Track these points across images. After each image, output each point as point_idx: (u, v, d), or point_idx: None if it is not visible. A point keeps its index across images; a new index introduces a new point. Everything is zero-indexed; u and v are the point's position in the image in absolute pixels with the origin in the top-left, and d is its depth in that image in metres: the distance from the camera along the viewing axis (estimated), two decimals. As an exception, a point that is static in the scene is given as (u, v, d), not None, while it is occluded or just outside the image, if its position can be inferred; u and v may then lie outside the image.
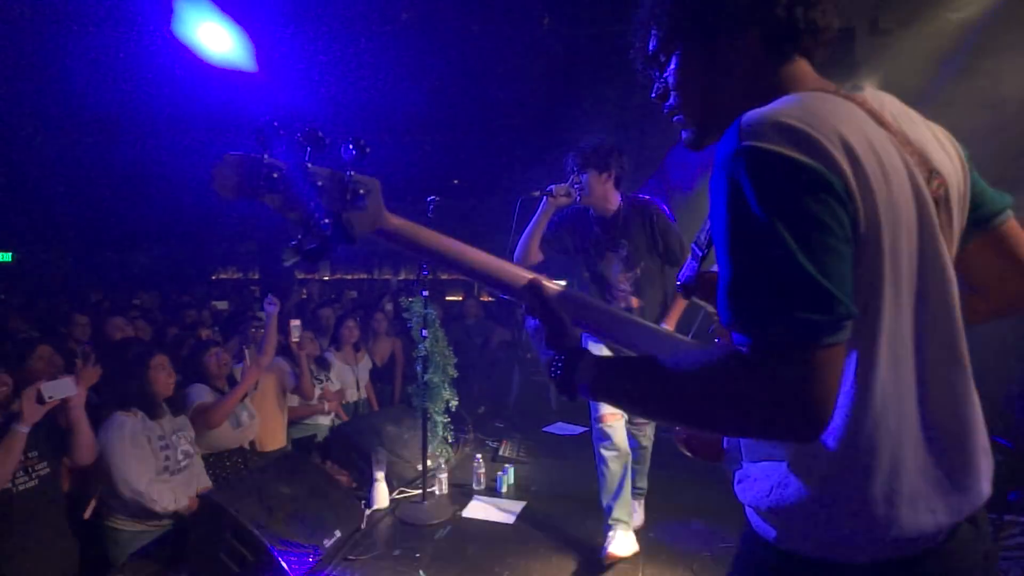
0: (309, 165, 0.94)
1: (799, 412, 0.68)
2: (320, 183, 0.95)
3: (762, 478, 0.89)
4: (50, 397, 2.36)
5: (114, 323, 4.59)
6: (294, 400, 4.15)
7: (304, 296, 9.37)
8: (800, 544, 0.85)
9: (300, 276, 11.68)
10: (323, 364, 4.48)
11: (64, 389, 2.42)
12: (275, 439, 3.85)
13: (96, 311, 6.01)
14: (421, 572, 2.70)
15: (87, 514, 2.74)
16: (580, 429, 5.32)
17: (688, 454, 1.10)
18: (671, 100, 0.99)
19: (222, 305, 7.49)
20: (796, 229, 0.69)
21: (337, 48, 5.97)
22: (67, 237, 10.89)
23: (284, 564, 2.47)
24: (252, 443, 3.58)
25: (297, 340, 3.97)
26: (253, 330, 4.36)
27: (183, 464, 2.89)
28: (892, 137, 0.81)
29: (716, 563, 2.93)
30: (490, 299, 9.40)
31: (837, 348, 0.69)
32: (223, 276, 12.51)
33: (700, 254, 1.03)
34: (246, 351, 3.60)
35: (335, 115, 6.60)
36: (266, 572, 2.49)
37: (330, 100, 6.44)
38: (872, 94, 0.89)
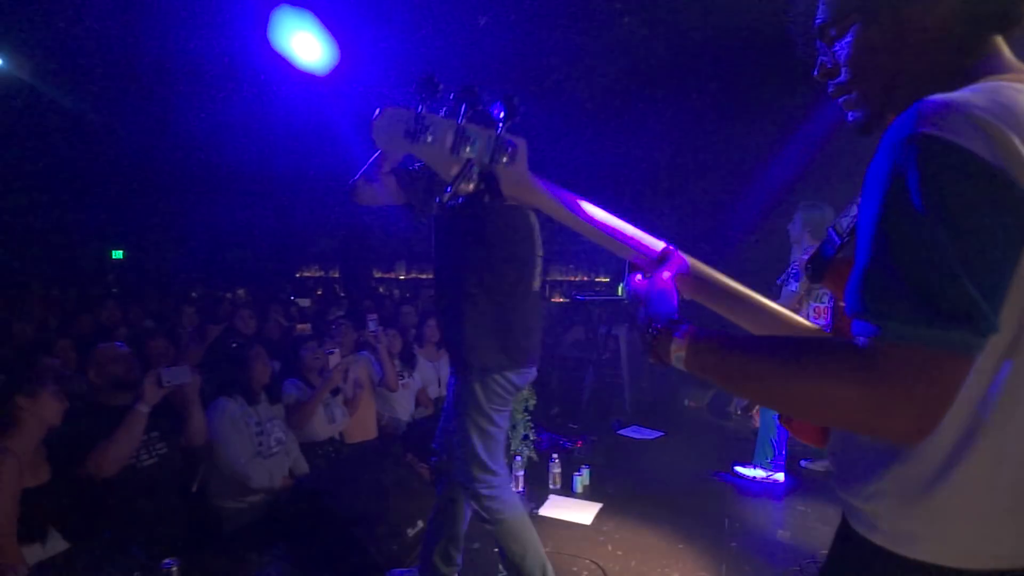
0: (463, 121, 0.97)
1: (912, 417, 0.65)
2: (472, 138, 0.97)
3: (866, 470, 0.84)
4: (168, 382, 2.58)
5: (240, 316, 4.94)
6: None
7: (382, 291, 9.71)
8: (901, 543, 0.80)
9: (377, 275, 12.11)
10: (408, 361, 4.61)
11: (181, 376, 2.64)
12: (365, 430, 4.00)
13: (199, 305, 6.48)
14: (500, 567, 2.74)
15: (194, 488, 2.98)
16: (656, 433, 5.24)
17: (788, 430, 1.06)
18: (841, 77, 0.90)
19: (305, 303, 7.87)
20: (961, 233, 0.64)
21: (425, 55, 6.14)
22: (169, 237, 11.80)
23: (371, 550, 2.58)
24: (341, 433, 3.75)
25: (373, 332, 4.10)
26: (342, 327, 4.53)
27: (275, 450, 3.08)
28: None
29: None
30: (564, 300, 9.39)
31: (967, 360, 0.66)
32: (306, 274, 13.13)
33: (837, 241, 0.96)
34: (330, 358, 3.70)
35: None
36: (354, 556, 2.61)
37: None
38: None
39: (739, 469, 4.09)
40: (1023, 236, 0.66)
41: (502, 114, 0.99)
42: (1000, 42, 0.83)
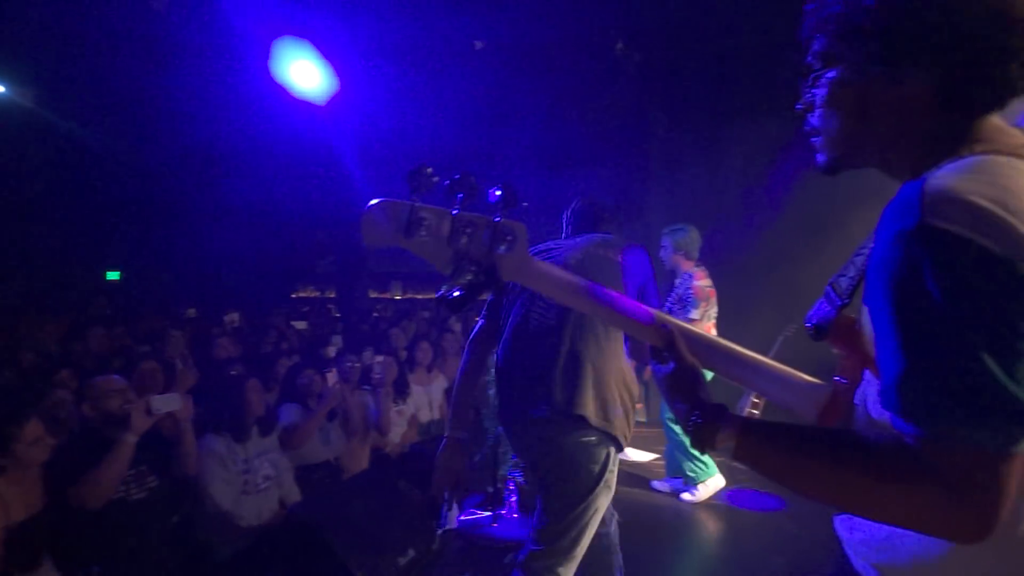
0: (457, 211, 0.94)
1: (970, 518, 0.66)
2: (468, 229, 0.94)
3: (873, 524, 0.85)
4: (158, 410, 2.59)
5: (221, 344, 4.93)
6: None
7: (375, 314, 9.72)
8: None
9: (372, 295, 12.15)
10: (401, 390, 4.59)
11: (171, 403, 2.65)
12: (359, 463, 4.00)
13: (193, 327, 6.48)
14: None
15: (174, 520, 2.97)
16: (650, 456, 5.24)
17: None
18: (813, 119, 0.90)
19: (301, 325, 7.87)
20: (987, 329, 0.64)
21: (416, 80, 6.24)
22: (166, 258, 11.83)
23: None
24: (338, 460, 3.76)
25: (379, 376, 4.11)
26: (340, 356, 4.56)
27: (263, 487, 3.05)
28: None
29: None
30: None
31: (1019, 458, 0.66)
32: (302, 294, 13.16)
33: (838, 301, 0.96)
34: (328, 376, 3.76)
35: (414, 145, 6.87)
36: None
37: (408, 130, 6.72)
38: None
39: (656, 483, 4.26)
40: None
41: (498, 199, 0.96)
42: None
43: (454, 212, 0.94)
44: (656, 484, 4.30)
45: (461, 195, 0.94)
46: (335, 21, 5.37)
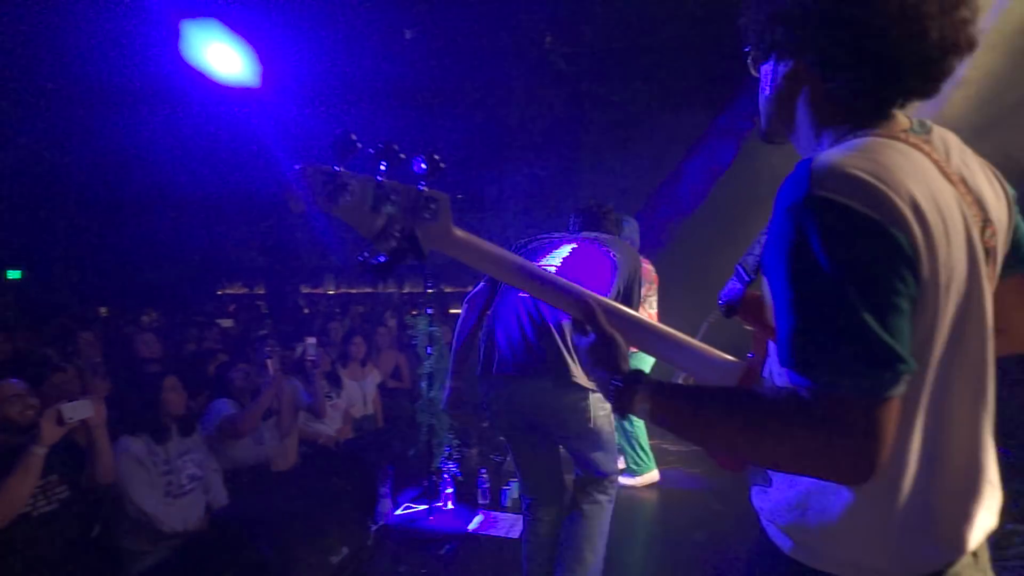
0: (382, 179, 0.95)
1: (855, 460, 0.72)
2: (392, 197, 0.96)
3: (783, 489, 0.92)
4: (70, 418, 2.42)
5: (142, 339, 4.66)
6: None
7: (306, 312, 9.46)
8: (817, 560, 0.88)
9: (305, 291, 11.79)
10: (334, 381, 4.52)
11: (83, 410, 2.48)
12: (287, 459, 3.89)
13: (105, 328, 6.10)
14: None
15: (95, 532, 2.80)
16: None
17: (712, 461, 1.11)
18: (760, 96, 1.00)
19: (227, 323, 7.55)
20: (864, 286, 0.72)
21: (347, 67, 6.09)
22: (75, 254, 11.04)
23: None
24: (267, 461, 3.64)
25: (312, 358, 4.02)
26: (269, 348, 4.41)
27: (187, 488, 2.91)
28: (955, 190, 0.82)
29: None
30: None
31: (895, 401, 0.73)
32: (229, 291, 12.61)
33: (747, 278, 1.04)
34: (268, 363, 3.61)
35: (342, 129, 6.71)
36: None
37: (338, 118, 6.56)
38: (938, 136, 0.89)
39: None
40: (916, 282, 0.75)
41: (423, 169, 0.98)
42: None
43: (378, 179, 0.95)
44: None
45: (385, 164, 0.96)
46: (255, 4, 5.15)
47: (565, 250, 2.44)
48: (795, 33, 0.88)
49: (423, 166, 0.98)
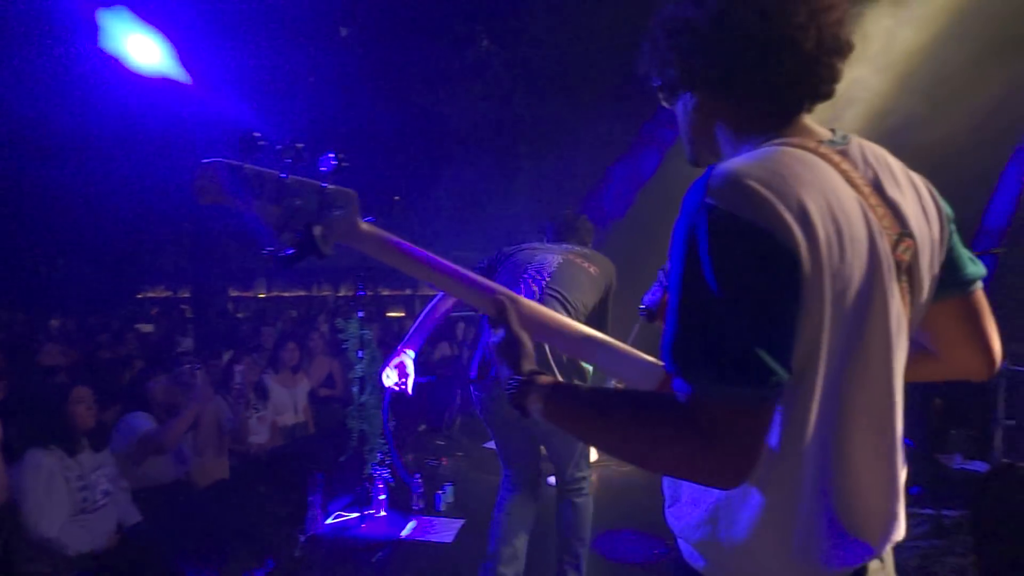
0: (287, 176, 0.99)
1: (725, 467, 0.73)
2: (297, 193, 0.99)
3: (691, 506, 0.92)
4: None
5: (46, 351, 4.34)
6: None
7: (239, 316, 9.08)
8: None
9: (233, 294, 11.31)
10: (261, 392, 4.34)
11: None
12: (211, 474, 3.71)
13: (7, 334, 5.66)
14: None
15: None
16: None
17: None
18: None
19: (147, 328, 7.15)
20: (741, 294, 0.72)
21: (277, 60, 5.91)
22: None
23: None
24: (188, 475, 3.46)
25: (239, 385, 3.85)
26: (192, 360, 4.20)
27: (101, 503, 2.75)
28: (861, 199, 0.81)
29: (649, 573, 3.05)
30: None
31: (767, 410, 0.73)
32: (150, 295, 11.94)
33: (667, 284, 1.03)
34: (198, 375, 3.45)
35: (278, 127, 6.50)
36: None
37: (269, 111, 6.34)
38: (857, 147, 0.88)
39: None
40: (798, 292, 0.74)
41: (330, 166, 1.02)
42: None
43: (282, 175, 0.99)
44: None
45: (290, 161, 1.00)
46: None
47: (552, 264, 2.51)
48: (685, 71, 0.91)
49: (331, 163, 1.02)
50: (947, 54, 4.00)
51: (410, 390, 2.31)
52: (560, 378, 0.97)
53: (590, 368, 2.48)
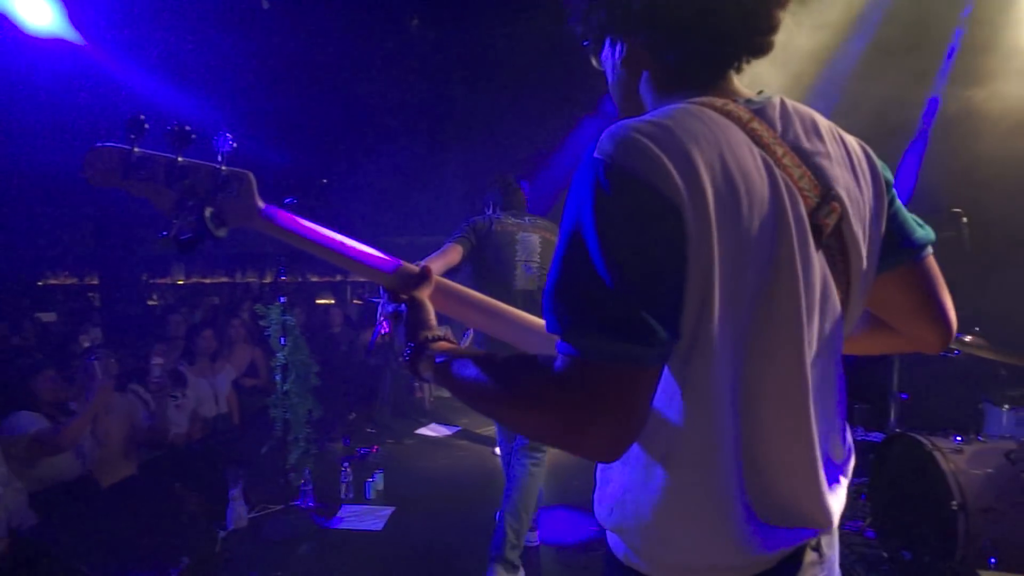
0: (179, 158, 0.98)
1: (605, 433, 0.67)
2: (190, 175, 0.99)
3: (604, 487, 0.86)
4: None
5: None
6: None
7: (157, 303, 8.54)
8: (649, 565, 0.82)
9: (148, 280, 10.62)
10: (178, 379, 4.10)
11: None
12: (117, 471, 3.47)
13: None
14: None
15: None
16: (454, 429, 5.40)
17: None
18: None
19: (49, 317, 6.61)
20: (624, 251, 0.67)
21: (197, 40, 5.53)
22: None
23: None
24: (92, 474, 3.22)
25: (158, 379, 3.61)
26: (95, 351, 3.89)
27: None
28: (769, 158, 0.76)
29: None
30: (360, 302, 9.19)
31: (651, 371, 0.68)
32: (53, 281, 11.04)
33: None
34: (96, 365, 3.16)
35: (197, 107, 6.11)
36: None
37: (190, 92, 5.94)
38: (776, 107, 0.83)
39: None
40: (682, 248, 0.68)
41: (227, 147, 1.01)
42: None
43: (173, 157, 0.98)
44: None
45: (181, 141, 0.99)
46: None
47: (536, 245, 2.66)
48: (617, 12, 0.86)
49: (227, 144, 1.01)
50: (841, 58, 4.30)
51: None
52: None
53: None
